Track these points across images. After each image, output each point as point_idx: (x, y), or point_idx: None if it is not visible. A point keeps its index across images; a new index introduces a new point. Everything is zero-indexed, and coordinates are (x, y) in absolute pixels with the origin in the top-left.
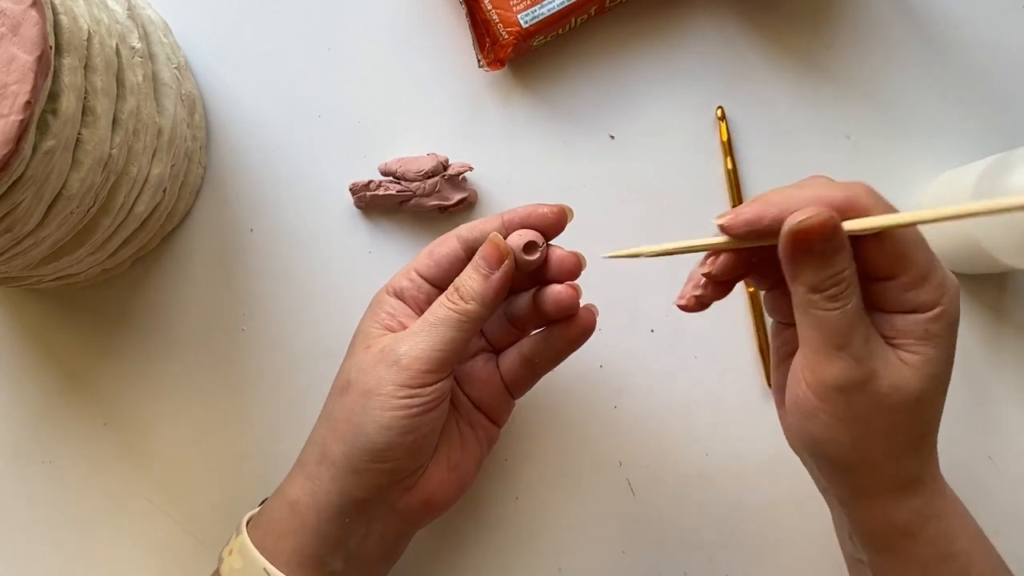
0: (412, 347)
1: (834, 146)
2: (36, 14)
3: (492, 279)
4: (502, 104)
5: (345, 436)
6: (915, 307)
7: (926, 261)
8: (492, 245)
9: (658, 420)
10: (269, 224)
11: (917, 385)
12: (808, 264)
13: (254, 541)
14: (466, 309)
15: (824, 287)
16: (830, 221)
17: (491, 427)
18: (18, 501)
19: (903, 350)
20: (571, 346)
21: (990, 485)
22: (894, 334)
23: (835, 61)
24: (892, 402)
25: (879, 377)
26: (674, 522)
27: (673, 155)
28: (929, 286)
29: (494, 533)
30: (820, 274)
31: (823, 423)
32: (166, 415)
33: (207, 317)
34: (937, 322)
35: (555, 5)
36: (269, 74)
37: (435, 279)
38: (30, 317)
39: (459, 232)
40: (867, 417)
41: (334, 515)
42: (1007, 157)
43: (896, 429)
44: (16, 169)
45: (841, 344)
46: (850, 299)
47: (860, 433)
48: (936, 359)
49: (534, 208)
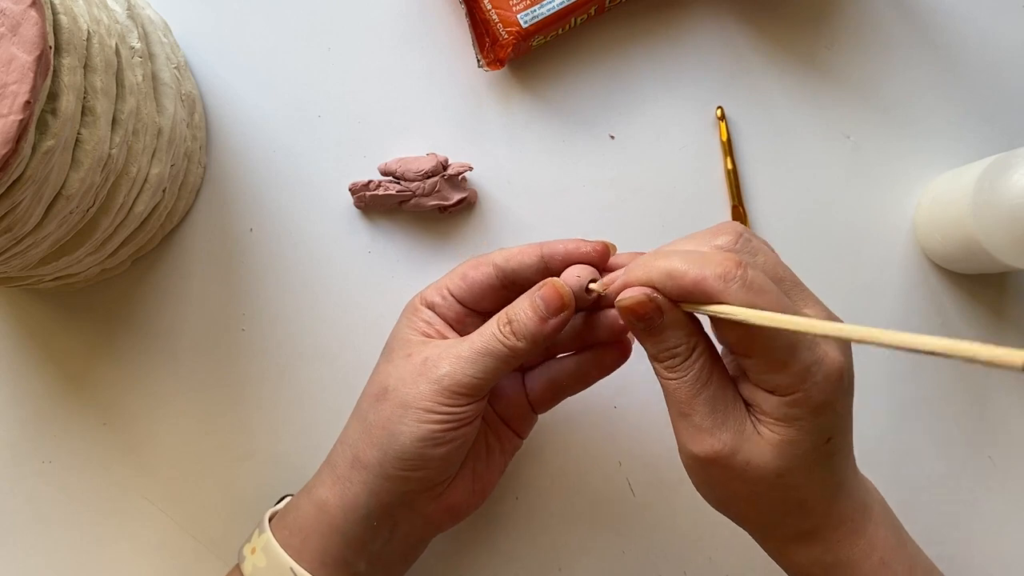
0: (456, 370)
1: (834, 146)
2: (36, 14)
3: (549, 323)
4: (502, 104)
5: (380, 442)
6: (772, 388)
7: (785, 347)
8: (555, 291)
9: (658, 420)
10: (269, 224)
11: (775, 463)
12: (642, 336)
13: (279, 540)
14: (516, 346)
15: (660, 358)
16: (646, 305)
17: (515, 439)
18: (18, 501)
19: (764, 426)
20: (603, 372)
21: (990, 485)
22: (758, 408)
23: (835, 61)
24: (749, 476)
25: (732, 450)
26: (674, 522)
27: (673, 155)
28: (786, 372)
29: (494, 533)
30: (653, 347)
31: (695, 481)
32: (166, 415)
33: (207, 317)
34: (795, 407)
35: (555, 5)
36: (269, 74)
37: (467, 301)
38: (30, 317)
39: (495, 260)
40: (728, 484)
41: (362, 518)
42: (1007, 157)
43: (762, 498)
44: (16, 169)
45: (685, 412)
46: (687, 371)
47: (725, 495)
48: (797, 440)
49: (577, 246)
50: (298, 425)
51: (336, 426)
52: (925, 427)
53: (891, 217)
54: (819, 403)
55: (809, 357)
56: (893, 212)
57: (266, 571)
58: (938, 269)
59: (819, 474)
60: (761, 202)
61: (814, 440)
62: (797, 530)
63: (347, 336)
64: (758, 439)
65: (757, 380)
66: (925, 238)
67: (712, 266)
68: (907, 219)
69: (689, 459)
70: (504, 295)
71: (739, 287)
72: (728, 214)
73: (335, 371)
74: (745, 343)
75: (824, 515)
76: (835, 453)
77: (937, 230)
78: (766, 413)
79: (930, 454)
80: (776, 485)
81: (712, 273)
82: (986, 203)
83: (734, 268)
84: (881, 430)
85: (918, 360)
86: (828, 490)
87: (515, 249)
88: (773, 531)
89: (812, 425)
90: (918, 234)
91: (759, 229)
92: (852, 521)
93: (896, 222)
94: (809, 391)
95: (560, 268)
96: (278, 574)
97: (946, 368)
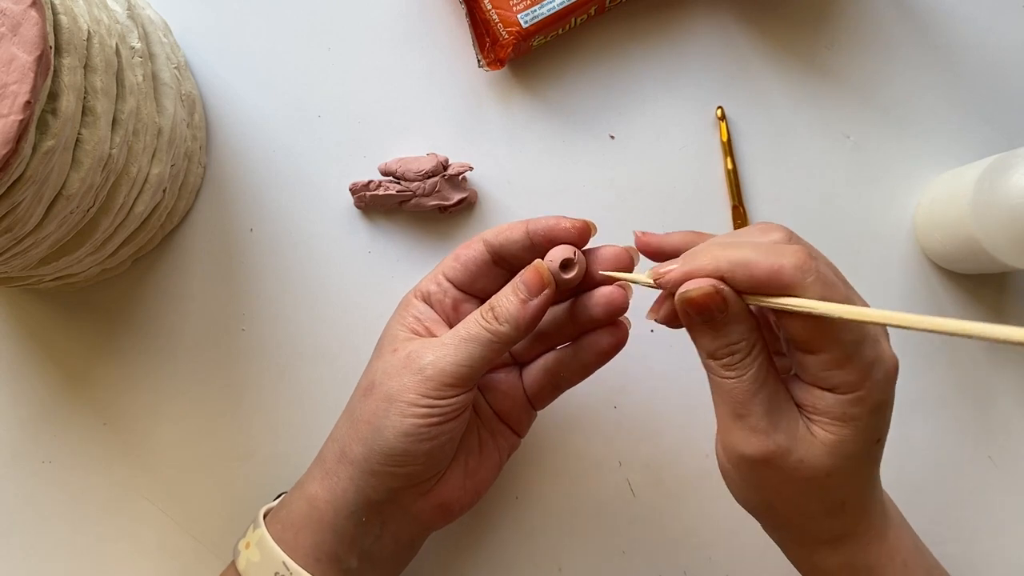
0: (439, 359)
1: (834, 146)
2: (36, 14)
3: (530, 305)
4: (502, 104)
5: (365, 437)
6: (834, 386)
7: (852, 342)
8: (535, 271)
9: (658, 420)
10: (269, 224)
11: (828, 463)
12: (700, 331)
13: (272, 535)
14: (499, 331)
15: (718, 355)
16: (713, 298)
17: (512, 436)
18: (18, 501)
19: (818, 426)
20: (601, 359)
21: (990, 485)
22: (812, 408)
23: (835, 61)
24: (800, 476)
25: (785, 451)
26: (674, 522)
27: (673, 155)
28: (851, 368)
29: (494, 533)
30: (713, 343)
31: (735, 483)
32: (166, 415)
33: (207, 317)
34: (856, 406)
35: (555, 5)
36: (269, 74)
37: (462, 283)
38: (30, 317)
39: (485, 236)
40: (775, 486)
41: (350, 513)
42: (1007, 157)
43: (807, 499)
44: (16, 169)
45: (740, 414)
46: (746, 370)
47: (769, 498)
48: (851, 440)
49: (557, 221)
50: (298, 425)
51: None
52: (925, 427)
53: (891, 217)
54: (878, 402)
55: (872, 354)
56: (893, 212)
57: (260, 566)
58: (938, 269)
59: (863, 475)
60: (761, 202)
61: (866, 440)
62: (832, 532)
63: (347, 336)
64: (811, 440)
65: (817, 377)
66: (925, 238)
67: (788, 256)
68: (907, 219)
69: (738, 460)
70: (498, 273)
71: (815, 279)
72: (728, 214)
73: (335, 371)
74: (815, 337)
75: (859, 517)
76: (879, 455)
77: (937, 230)
78: (822, 412)
79: (930, 454)
80: (824, 485)
81: (789, 263)
82: (986, 203)
83: (809, 259)
84: None
85: (918, 360)
86: (867, 493)
87: (504, 225)
88: (808, 534)
89: (867, 425)
90: (918, 234)
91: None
92: (879, 525)
93: (896, 222)
94: (871, 389)
95: (543, 243)
96: (271, 568)
97: (946, 368)
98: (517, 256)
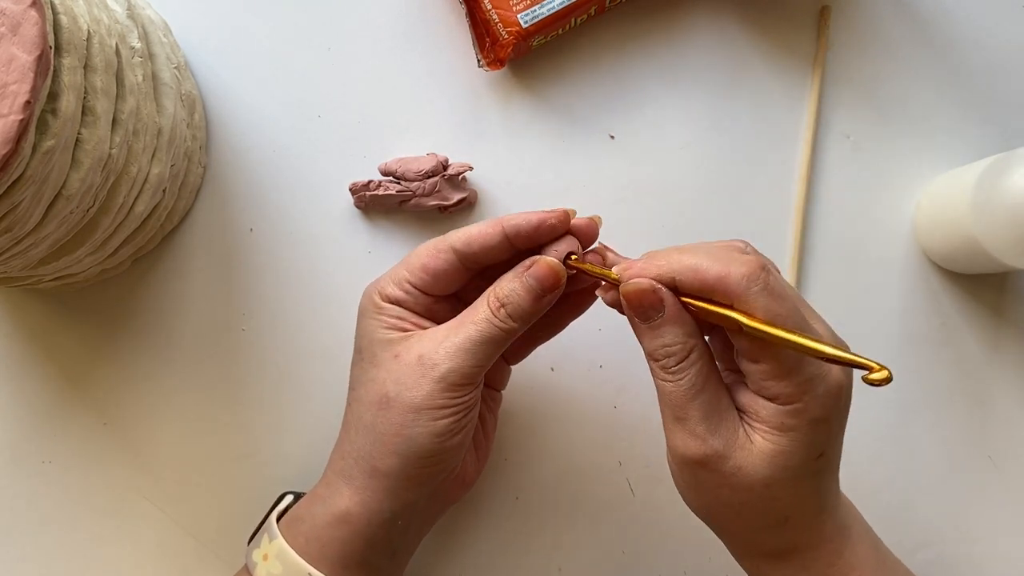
0: (458, 365)
1: (834, 146)
2: (36, 14)
3: (544, 301)
4: (502, 104)
5: (398, 449)
6: (773, 396)
7: (793, 356)
8: (550, 270)
9: (658, 420)
10: (269, 224)
11: (765, 472)
12: (639, 329)
13: (295, 548)
14: (512, 328)
15: (656, 356)
16: (649, 296)
17: (495, 394)
18: (18, 501)
19: (758, 434)
20: (574, 314)
21: (990, 485)
22: (755, 415)
23: (835, 61)
24: (737, 483)
25: (721, 456)
26: (674, 522)
27: (673, 155)
28: (789, 381)
29: (494, 533)
30: (650, 343)
31: (679, 484)
32: (166, 415)
33: (207, 317)
34: (793, 417)
35: (555, 5)
36: (269, 74)
37: (432, 290)
38: (30, 317)
39: (454, 244)
40: (713, 490)
41: (386, 521)
42: (1007, 157)
43: (749, 508)
44: (16, 169)
45: (680, 417)
46: (683, 374)
47: (710, 502)
48: (789, 451)
49: (542, 219)
50: (298, 425)
51: (336, 426)
52: (925, 427)
53: (891, 217)
54: (817, 416)
55: (814, 370)
56: (893, 212)
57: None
58: (938, 269)
59: (806, 489)
60: (761, 202)
61: (806, 453)
62: (776, 546)
63: (347, 336)
64: (751, 447)
65: (759, 387)
66: (925, 238)
67: (737, 265)
68: (907, 219)
69: (679, 462)
70: (469, 276)
71: (760, 290)
72: (728, 214)
73: (335, 371)
74: (756, 347)
75: (804, 533)
76: (823, 470)
77: (937, 230)
78: (763, 421)
79: (930, 454)
80: (763, 495)
81: (737, 272)
82: (986, 203)
83: (759, 270)
84: (881, 430)
85: (918, 361)
86: (812, 507)
87: (474, 230)
88: (752, 545)
89: (807, 438)
90: (918, 234)
91: (759, 229)
92: (832, 542)
93: (896, 222)
94: (809, 403)
95: (526, 245)
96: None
97: (946, 368)
98: (496, 260)
